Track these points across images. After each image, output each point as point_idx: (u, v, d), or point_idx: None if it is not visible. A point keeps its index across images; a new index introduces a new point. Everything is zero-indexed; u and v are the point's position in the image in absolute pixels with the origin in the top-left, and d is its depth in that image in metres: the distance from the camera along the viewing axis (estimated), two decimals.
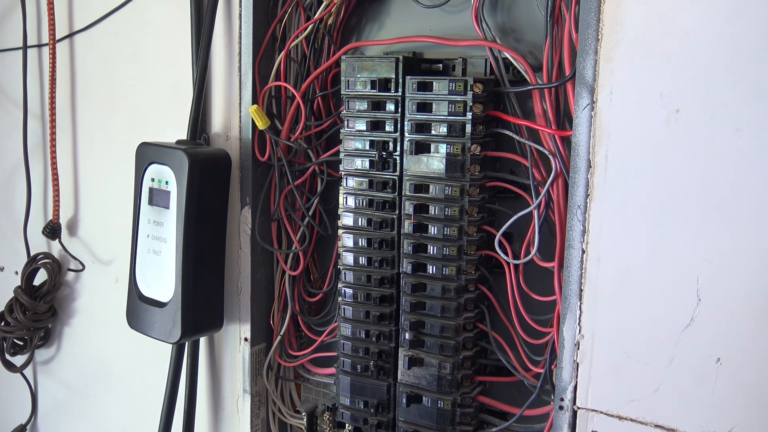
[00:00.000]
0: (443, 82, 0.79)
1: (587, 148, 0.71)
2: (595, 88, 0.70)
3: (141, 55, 1.09)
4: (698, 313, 0.67)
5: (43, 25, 1.17)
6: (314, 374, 1.01)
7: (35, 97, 1.22)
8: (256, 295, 1.00)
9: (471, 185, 0.80)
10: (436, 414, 0.85)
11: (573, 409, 0.75)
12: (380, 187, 0.85)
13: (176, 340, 0.94)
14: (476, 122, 0.79)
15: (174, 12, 1.02)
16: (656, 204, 0.68)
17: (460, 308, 0.83)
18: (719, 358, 0.67)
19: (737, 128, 0.64)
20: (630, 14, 0.68)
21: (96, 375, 1.25)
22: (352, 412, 0.91)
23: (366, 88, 0.84)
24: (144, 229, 0.98)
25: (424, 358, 0.85)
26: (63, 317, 1.27)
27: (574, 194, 0.73)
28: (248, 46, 0.94)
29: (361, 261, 0.87)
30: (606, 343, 0.72)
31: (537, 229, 0.77)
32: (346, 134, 0.87)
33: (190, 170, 0.91)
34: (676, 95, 0.66)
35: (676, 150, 0.67)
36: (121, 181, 1.08)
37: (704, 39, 0.65)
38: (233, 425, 1.05)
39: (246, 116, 0.96)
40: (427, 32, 0.88)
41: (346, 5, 0.91)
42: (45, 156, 1.22)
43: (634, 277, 0.70)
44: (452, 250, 0.82)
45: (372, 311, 0.87)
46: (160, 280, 0.96)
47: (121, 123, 1.13)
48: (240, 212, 0.98)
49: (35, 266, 1.23)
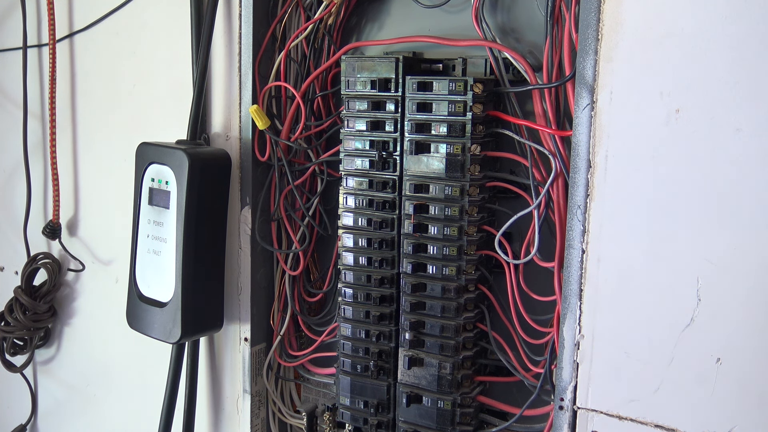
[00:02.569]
0: (443, 82, 0.79)
1: (587, 148, 0.71)
2: (595, 88, 0.70)
3: (141, 55, 1.09)
4: (698, 313, 0.67)
5: (43, 25, 1.17)
6: (314, 374, 1.01)
7: (35, 97, 1.22)
8: (256, 295, 1.00)
9: (471, 185, 0.80)
10: (436, 414, 0.85)
11: (573, 409, 0.75)
12: (380, 187, 0.85)
13: (176, 340, 0.94)
14: (476, 122, 0.79)
15: (174, 12, 1.02)
16: (656, 204, 0.68)
17: (460, 308, 0.83)
18: (719, 358, 0.67)
19: (737, 128, 0.64)
20: (630, 14, 0.68)
21: (96, 375, 1.25)
22: (352, 412, 0.91)
23: (366, 88, 0.84)
24: (144, 229, 0.98)
25: (424, 358, 0.85)
26: (63, 317, 1.27)
27: (574, 194, 0.73)
28: (248, 46, 0.94)
29: (361, 261, 0.87)
30: (606, 343, 0.72)
31: (537, 229, 0.77)
32: (346, 134, 0.87)
33: (190, 170, 0.91)
34: (676, 95, 0.66)
35: (676, 150, 0.67)
36: (121, 181, 1.08)
37: (704, 39, 0.65)
38: (233, 425, 1.05)
39: (246, 116, 0.96)
40: (427, 32, 0.88)
41: (346, 5, 0.91)
42: (45, 156, 1.22)
43: (634, 276, 0.70)
44: (452, 250, 0.82)
45: (372, 311, 0.87)
46: (160, 280, 0.96)
47: (121, 123, 1.13)
48: (240, 212, 0.98)
49: (35, 266, 1.23)
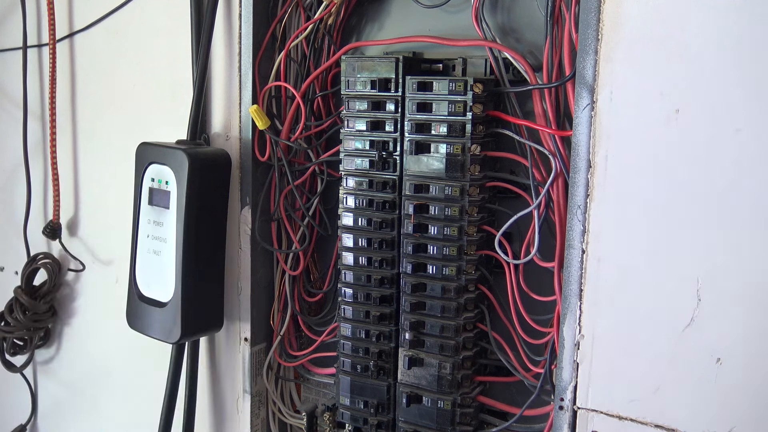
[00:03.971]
0: (443, 82, 0.79)
1: (587, 148, 0.71)
2: (595, 88, 0.70)
3: (141, 55, 1.09)
4: (698, 313, 0.67)
5: (43, 25, 1.17)
6: (314, 374, 1.01)
7: (35, 97, 1.22)
8: (256, 295, 1.00)
9: (471, 185, 0.80)
10: (436, 414, 0.85)
11: (573, 409, 0.75)
12: (380, 187, 0.85)
13: (176, 340, 0.94)
14: (476, 122, 0.79)
15: (174, 12, 1.02)
16: (656, 204, 0.68)
17: (460, 308, 0.82)
18: (719, 358, 0.67)
19: (737, 128, 0.64)
20: (630, 14, 0.68)
21: (96, 375, 1.25)
22: (352, 412, 0.91)
23: (366, 88, 0.84)
24: (144, 229, 0.98)
25: (424, 358, 0.85)
26: (63, 317, 1.27)
27: (574, 194, 0.73)
28: (248, 46, 0.94)
29: (361, 261, 0.87)
30: (606, 343, 0.72)
31: (537, 229, 0.77)
32: (346, 134, 0.87)
33: (190, 170, 0.91)
34: (676, 95, 0.66)
35: (676, 150, 0.67)
36: (121, 181, 1.08)
37: (704, 39, 0.65)
38: (233, 425, 1.05)
39: (246, 116, 0.96)
40: (427, 32, 0.88)
41: (346, 5, 0.91)
42: (45, 156, 1.22)
43: (634, 277, 0.70)
44: (452, 250, 0.82)
45: (372, 311, 0.87)
46: (160, 280, 0.96)
47: (121, 123, 1.13)
48: (240, 212, 0.98)
49: (35, 266, 1.23)
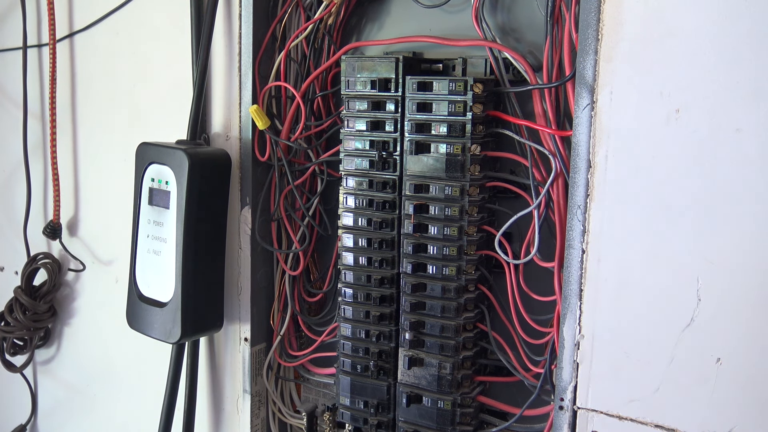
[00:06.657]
0: (443, 82, 0.79)
1: (587, 148, 0.71)
2: (595, 88, 0.70)
3: (141, 55, 1.09)
4: (698, 313, 0.67)
5: (43, 25, 1.17)
6: (314, 374, 1.01)
7: (35, 97, 1.22)
8: (256, 295, 1.00)
9: (471, 185, 0.80)
10: (436, 414, 0.85)
11: (573, 409, 0.75)
12: (380, 187, 0.85)
13: (176, 340, 0.94)
14: (476, 122, 0.79)
15: (174, 12, 1.02)
16: (656, 204, 0.68)
17: (460, 308, 0.82)
18: (719, 358, 0.67)
19: (737, 128, 0.64)
20: (630, 14, 0.68)
21: (96, 375, 1.25)
22: (352, 412, 0.91)
23: (366, 88, 0.84)
24: (144, 229, 0.98)
25: (424, 358, 0.85)
26: (63, 317, 1.27)
27: (574, 194, 0.73)
28: (248, 46, 0.94)
29: (361, 261, 0.87)
30: (606, 343, 0.72)
31: (537, 229, 0.77)
32: (346, 134, 0.87)
33: (190, 170, 0.91)
34: (676, 95, 0.66)
35: (676, 150, 0.67)
36: (121, 181, 1.08)
37: (704, 39, 0.65)
38: (233, 425, 1.05)
39: (246, 116, 0.96)
40: (427, 32, 0.88)
41: (346, 5, 0.91)
42: (45, 156, 1.22)
43: (634, 277, 0.70)
44: (452, 250, 0.82)
45: (372, 311, 0.87)
46: (160, 280, 0.96)
47: (121, 123, 1.13)
48: (240, 212, 0.98)
49: (35, 266, 1.23)
